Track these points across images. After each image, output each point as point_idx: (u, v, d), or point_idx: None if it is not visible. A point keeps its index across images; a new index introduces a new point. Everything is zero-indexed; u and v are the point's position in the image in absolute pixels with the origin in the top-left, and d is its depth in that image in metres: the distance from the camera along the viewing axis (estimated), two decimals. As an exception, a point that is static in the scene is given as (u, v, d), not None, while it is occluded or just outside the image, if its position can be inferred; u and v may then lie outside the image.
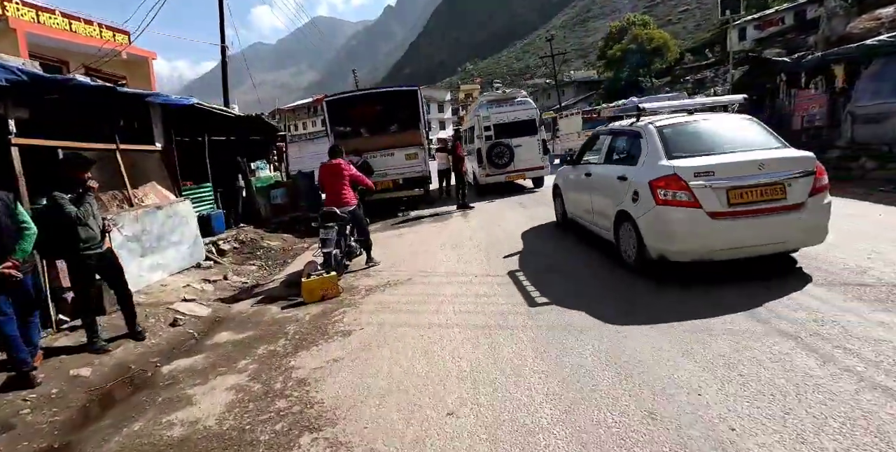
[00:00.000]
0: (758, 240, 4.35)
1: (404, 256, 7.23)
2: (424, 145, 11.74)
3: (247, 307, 5.75)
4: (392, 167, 11.61)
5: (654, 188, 4.54)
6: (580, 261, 5.71)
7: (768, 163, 4.34)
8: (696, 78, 32.93)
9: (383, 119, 12.41)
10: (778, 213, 4.31)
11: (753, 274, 4.54)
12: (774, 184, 4.31)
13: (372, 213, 11.61)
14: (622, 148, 5.65)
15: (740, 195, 4.31)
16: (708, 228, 4.31)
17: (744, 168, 4.36)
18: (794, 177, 4.30)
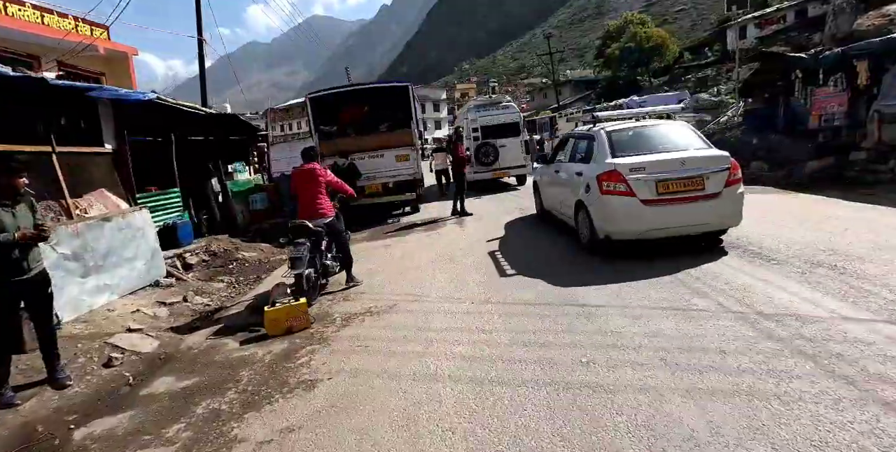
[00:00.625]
0: (683, 223, 5.45)
1: (390, 274, 6.34)
2: (417, 146, 10.86)
3: (201, 339, 4.84)
4: (381, 170, 10.71)
5: (600, 181, 5.60)
6: (550, 243, 6.96)
7: (689, 161, 5.43)
8: (697, 76, 32.19)
9: (372, 117, 11.50)
10: (698, 201, 5.38)
11: (686, 251, 5.68)
12: (695, 177, 5.36)
13: (358, 220, 10.73)
14: (581, 149, 6.67)
15: (667, 186, 5.37)
16: (641, 213, 5.37)
17: (669, 164, 5.42)
18: (712, 172, 5.38)
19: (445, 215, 10.81)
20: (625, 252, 5.67)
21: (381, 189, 10.76)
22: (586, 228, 6.02)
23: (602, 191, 5.55)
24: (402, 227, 9.92)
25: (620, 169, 5.44)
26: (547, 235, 7.50)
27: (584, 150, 6.48)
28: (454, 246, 7.50)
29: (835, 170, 10.44)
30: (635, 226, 5.43)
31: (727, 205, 5.46)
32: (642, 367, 3.19)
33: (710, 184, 5.37)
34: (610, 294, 4.56)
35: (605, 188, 5.52)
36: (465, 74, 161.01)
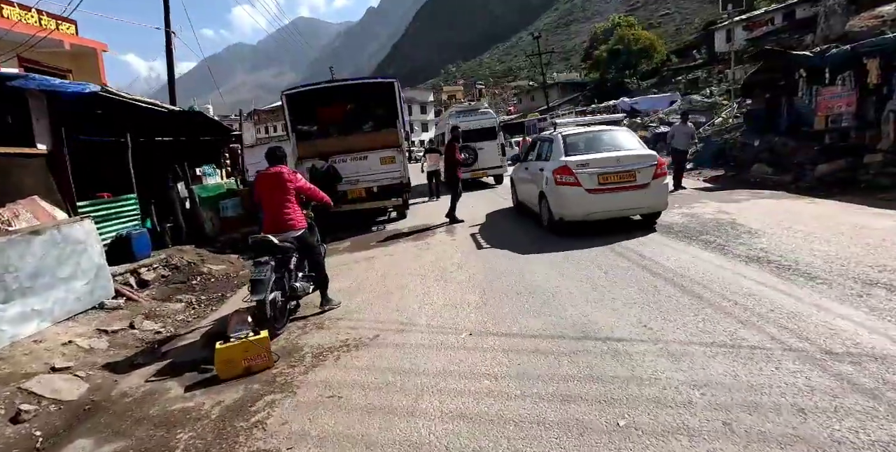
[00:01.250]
0: (619, 207, 6.85)
1: (373, 294, 5.51)
2: (403, 147, 10.04)
3: (139, 382, 3.96)
4: (365, 173, 9.87)
5: (555, 174, 6.95)
6: (518, 227, 8.53)
7: (624, 159, 6.80)
8: (688, 78, 31.85)
9: (355, 116, 10.65)
10: (631, 190, 6.72)
11: (624, 230, 7.09)
12: (628, 171, 6.70)
13: (340, 228, 9.88)
14: (544, 149, 8.15)
15: (606, 178, 6.70)
16: (586, 199, 6.73)
17: (608, 161, 6.79)
18: (642, 167, 6.72)
19: (435, 221, 10.01)
20: (576, 230, 7.14)
21: (364, 194, 9.92)
22: (546, 213, 7.52)
23: (556, 182, 6.97)
24: (388, 236, 9.08)
25: (570, 165, 6.90)
26: (521, 223, 8.88)
27: (546, 151, 7.97)
28: (445, 260, 6.69)
29: (847, 174, 9.85)
30: (582, 210, 6.88)
31: (654, 194, 6.92)
32: (700, 435, 2.42)
33: (641, 177, 6.78)
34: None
35: (559, 180, 6.94)
36: (451, 77, 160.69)
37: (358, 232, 9.83)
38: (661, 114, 23.91)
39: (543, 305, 4.45)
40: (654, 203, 6.99)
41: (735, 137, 15.02)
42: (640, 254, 5.79)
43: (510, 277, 5.46)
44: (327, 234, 9.28)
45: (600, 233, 6.92)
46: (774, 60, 13.85)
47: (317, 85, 9.99)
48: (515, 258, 6.32)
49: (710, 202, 9.14)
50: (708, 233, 6.55)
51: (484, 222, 9.19)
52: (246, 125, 39.39)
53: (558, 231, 7.23)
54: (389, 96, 10.02)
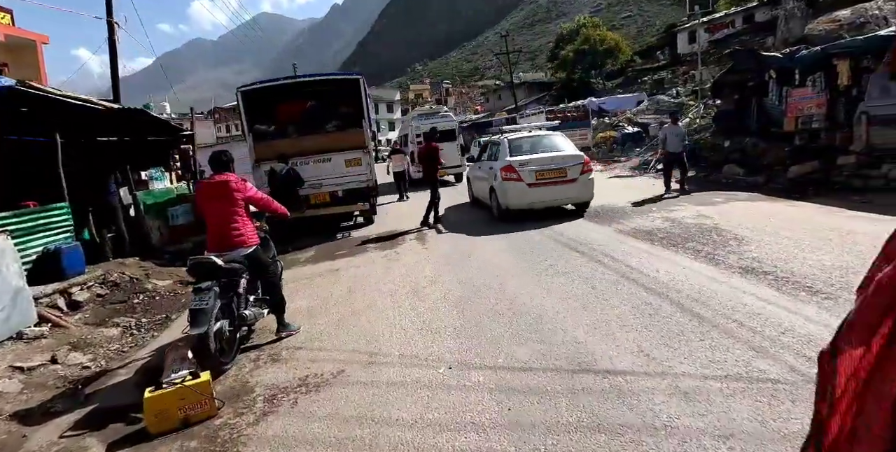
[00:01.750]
0: (553, 198, 8.41)
1: (337, 316, 4.92)
2: (370, 148, 9.43)
3: (51, 438, 3.27)
4: (328, 176, 9.21)
5: (502, 172, 8.34)
6: (474, 217, 9.83)
7: (557, 158, 8.43)
8: (654, 79, 32.23)
9: (317, 115, 9.94)
10: (563, 184, 8.27)
11: (558, 217, 8.64)
12: (560, 168, 8.28)
13: (302, 235, 9.21)
14: (494, 151, 9.45)
15: (542, 174, 8.23)
16: (527, 192, 8.26)
17: (544, 160, 8.36)
18: (571, 165, 8.31)
19: (404, 226, 9.46)
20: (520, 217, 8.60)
21: (328, 198, 9.27)
22: (496, 204, 8.87)
23: (503, 178, 8.34)
24: (355, 244, 8.47)
25: (514, 164, 8.35)
26: (476, 213, 10.36)
27: (495, 152, 9.31)
28: (417, 273, 6.15)
29: (820, 175, 9.81)
30: (524, 201, 8.37)
31: (582, 187, 8.48)
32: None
33: (570, 173, 8.34)
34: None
35: (505, 176, 8.31)
36: (418, 75, 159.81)
37: (322, 239, 9.18)
38: (628, 114, 23.97)
39: (530, 329, 3.98)
40: (582, 194, 8.63)
41: (705, 138, 15.00)
42: (628, 266, 5.40)
43: (489, 293, 4.97)
44: (289, 243, 8.63)
45: (539, 219, 8.40)
46: (744, 61, 13.88)
47: (275, 81, 9.25)
48: (492, 267, 6.02)
49: (687, 205, 8.90)
50: (693, 240, 6.24)
51: (442, 214, 10.08)
52: (206, 123, 37.65)
53: (505, 218, 8.65)
54: (354, 93, 9.39)
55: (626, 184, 13.25)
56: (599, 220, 8.15)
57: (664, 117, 21.56)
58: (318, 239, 9.21)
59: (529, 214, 8.57)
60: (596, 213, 8.80)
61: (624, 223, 7.75)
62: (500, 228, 8.27)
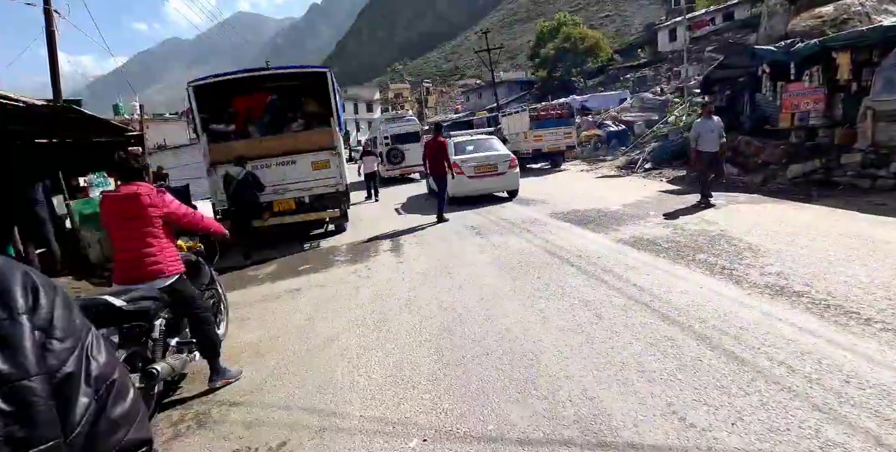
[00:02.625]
0: (487, 187, 10.95)
1: (289, 353, 4.04)
2: (339, 149, 8.54)
3: None
4: (293, 180, 8.29)
5: (451, 167, 9.55)
6: (428, 204, 11.72)
7: (490, 157, 10.85)
8: (637, 76, 31.86)
9: (280, 113, 8.98)
10: (494, 176, 10.75)
11: (493, 201, 11.00)
12: (492, 164, 10.73)
13: (266, 245, 8.31)
14: None
15: (479, 169, 10.67)
16: (468, 183, 10.62)
17: (480, 159, 10.77)
18: (501, 162, 10.72)
19: (378, 230, 8.63)
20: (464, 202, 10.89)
21: (293, 205, 8.34)
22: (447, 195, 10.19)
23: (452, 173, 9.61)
24: (323, 256, 7.59)
25: (458, 161, 10.34)
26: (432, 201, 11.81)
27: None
28: (390, 294, 5.30)
29: (822, 175, 9.23)
30: (465, 189, 10.69)
31: (509, 179, 10.90)
32: None
33: (500, 168, 10.70)
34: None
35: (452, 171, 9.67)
36: (398, 75, 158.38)
37: (288, 250, 8.27)
38: (612, 112, 23.42)
39: (526, 377, 3.16)
40: (510, 184, 11.19)
41: (695, 136, 14.41)
42: (636, 285, 4.63)
43: (473, 324, 4.15)
44: (249, 256, 7.72)
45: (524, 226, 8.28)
46: (736, 55, 13.32)
47: (232, 74, 8.26)
48: (476, 287, 5.16)
49: (686, 207, 8.21)
50: (703, 251, 5.51)
51: (404, 202, 13.14)
52: (180, 124, 36.06)
53: (453, 203, 10.65)
54: (322, 89, 8.48)
55: (615, 185, 12.58)
56: (594, 227, 7.39)
57: (651, 115, 21.10)
58: (283, 250, 8.30)
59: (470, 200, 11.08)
60: (589, 219, 8.05)
61: (621, 230, 7.01)
62: (483, 237, 7.48)
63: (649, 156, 16.39)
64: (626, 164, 16.72)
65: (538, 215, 8.79)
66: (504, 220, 8.68)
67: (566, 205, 9.54)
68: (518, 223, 8.25)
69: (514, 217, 8.87)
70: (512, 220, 8.55)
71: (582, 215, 8.36)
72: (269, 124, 8.71)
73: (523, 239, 7.07)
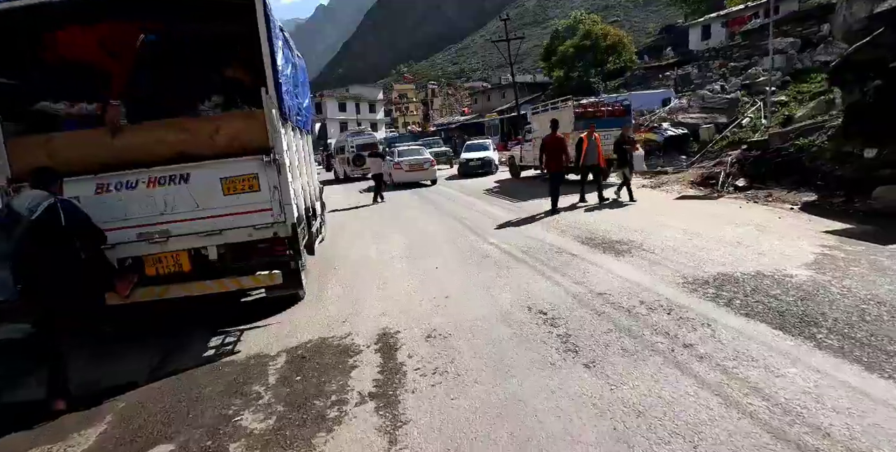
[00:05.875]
0: (417, 179, 17.99)
1: None
2: (280, 152, 4.27)
3: None
4: (184, 216, 4.07)
5: (394, 166, 18.11)
6: None
7: (420, 159, 18.34)
8: (679, 74, 27.80)
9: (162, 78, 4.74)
10: (420, 171, 17.94)
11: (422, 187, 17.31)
12: (421, 163, 18.01)
13: (125, 347, 3.98)
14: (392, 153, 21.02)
15: (411, 167, 17.94)
16: (405, 175, 17.86)
17: (413, 160, 18.28)
18: (426, 162, 18.18)
19: (374, 303, 4.44)
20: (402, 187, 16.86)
21: (186, 265, 4.13)
22: (390, 179, 17.17)
23: (394, 168, 17.81)
24: (225, 390, 3.40)
25: (398, 162, 18.20)
26: None
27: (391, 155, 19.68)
28: None
29: None
30: (402, 179, 17.76)
31: (430, 173, 17.95)
32: None
33: (424, 166, 17.91)
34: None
35: (395, 168, 17.83)
36: (403, 77, 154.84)
37: (174, 357, 4.08)
38: (662, 113, 19.28)
39: None
40: (430, 177, 17.94)
41: (821, 143, 10.24)
42: None
43: None
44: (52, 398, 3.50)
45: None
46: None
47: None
48: None
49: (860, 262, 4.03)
50: None
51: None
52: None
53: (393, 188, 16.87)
54: (245, 29, 4.23)
55: (721, 214, 8.40)
56: (844, 350, 3.19)
57: (716, 116, 16.95)
58: (169, 352, 4.11)
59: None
60: (795, 315, 3.83)
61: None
62: (514, 278, 3.30)
63: (736, 169, 12.22)
64: (702, 179, 12.52)
65: (670, 291, 4.55)
66: (644, 325, 4.46)
67: (692, 262, 5.36)
68: (661, 325, 3.97)
69: (630, 297, 4.62)
70: (649, 324, 4.23)
71: (763, 300, 4.14)
72: (139, 101, 4.47)
73: (707, 390, 2.86)
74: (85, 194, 3.90)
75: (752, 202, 9.58)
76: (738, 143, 14.37)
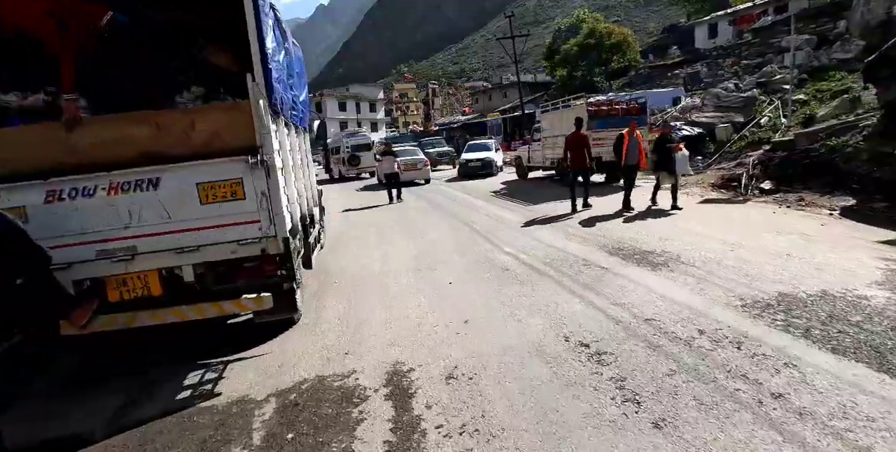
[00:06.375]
0: (413, 178, 18.04)
1: None
2: (271, 146, 3.57)
3: None
4: (153, 229, 3.42)
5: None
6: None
7: (414, 159, 18.83)
8: (689, 72, 27.11)
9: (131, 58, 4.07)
10: (415, 171, 18.38)
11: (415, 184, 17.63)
12: (415, 163, 18.52)
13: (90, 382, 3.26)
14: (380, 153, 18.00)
15: (408, 166, 17.56)
16: (403, 173, 15.58)
17: (408, 160, 17.98)
18: (420, 162, 18.81)
19: (388, 337, 3.76)
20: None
21: (157, 287, 3.46)
22: (384, 178, 15.06)
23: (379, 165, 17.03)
24: (219, 423, 2.72)
25: (398, 161, 15.21)
26: None
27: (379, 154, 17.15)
28: None
29: None
30: (401, 177, 14.77)
31: (423, 172, 18.55)
32: None
33: (419, 165, 18.45)
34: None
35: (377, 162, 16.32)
36: (403, 77, 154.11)
37: (134, 403, 3.39)
38: (674, 112, 18.60)
39: None
40: (425, 176, 18.45)
41: (856, 143, 9.56)
42: None
43: None
44: None
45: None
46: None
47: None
48: None
49: None
50: None
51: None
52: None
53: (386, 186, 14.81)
54: (232, 13, 3.56)
55: (753, 220, 7.71)
56: None
57: (731, 115, 16.27)
58: (135, 395, 3.43)
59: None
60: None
61: None
62: (540, 297, 2.61)
63: (759, 170, 11.55)
64: (723, 181, 11.85)
65: (729, 317, 3.86)
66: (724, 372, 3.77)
67: (743, 279, 4.69)
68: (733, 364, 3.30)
69: (684, 324, 3.94)
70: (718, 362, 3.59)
71: (847, 331, 3.46)
72: (108, 89, 3.79)
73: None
74: (32, 203, 3.21)
75: (784, 206, 8.89)
76: (758, 143, 13.69)
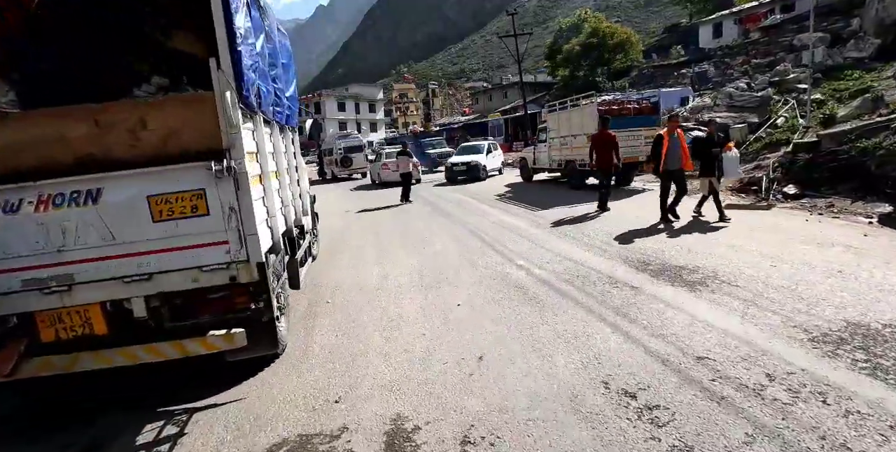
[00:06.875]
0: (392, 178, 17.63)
1: None
2: (241, 149, 2.90)
3: None
4: (95, 254, 2.76)
5: (382, 166, 20.16)
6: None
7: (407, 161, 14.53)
8: (696, 72, 26.44)
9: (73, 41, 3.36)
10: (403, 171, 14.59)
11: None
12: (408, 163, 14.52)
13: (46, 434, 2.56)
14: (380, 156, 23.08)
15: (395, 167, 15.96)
16: (391, 174, 17.73)
17: (396, 163, 15.65)
18: (412, 162, 14.69)
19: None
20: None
21: (101, 325, 2.79)
22: (378, 179, 20.31)
23: (382, 169, 19.63)
24: None
25: (385, 163, 19.49)
26: None
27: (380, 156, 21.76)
28: None
29: None
30: (390, 178, 18.04)
31: (416, 173, 16.22)
32: None
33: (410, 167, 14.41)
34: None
35: (383, 168, 19.48)
36: (403, 77, 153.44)
37: None
38: (684, 112, 17.95)
39: None
40: (415, 176, 16.19)
41: (889, 145, 8.89)
42: None
43: None
44: None
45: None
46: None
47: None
48: None
49: None
50: None
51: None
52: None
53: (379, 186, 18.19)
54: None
55: (783, 230, 6.98)
56: None
57: (745, 115, 15.61)
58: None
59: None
60: None
61: None
62: (565, 325, 1.94)
63: (780, 173, 10.89)
64: (741, 185, 11.18)
65: (799, 356, 3.19)
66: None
67: (798, 303, 4.03)
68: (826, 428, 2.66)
69: (747, 365, 3.27)
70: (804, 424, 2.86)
71: None
72: (44, 77, 3.11)
73: None
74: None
75: (815, 213, 8.22)
76: (776, 145, 13.02)
